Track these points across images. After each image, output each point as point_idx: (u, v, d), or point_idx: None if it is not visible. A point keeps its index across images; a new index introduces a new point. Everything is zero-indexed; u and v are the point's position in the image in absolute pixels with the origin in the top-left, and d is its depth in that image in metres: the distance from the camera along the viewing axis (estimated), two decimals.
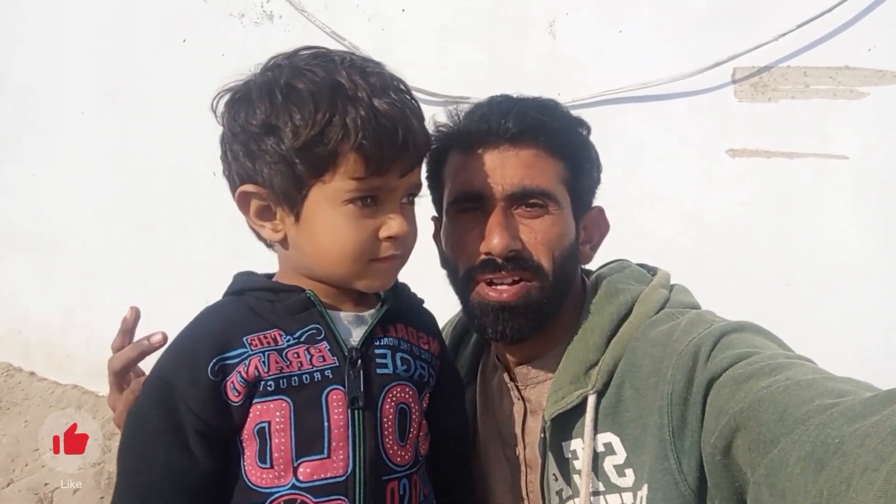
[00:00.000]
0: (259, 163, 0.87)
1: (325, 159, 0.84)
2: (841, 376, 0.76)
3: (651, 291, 1.06)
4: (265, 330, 0.89)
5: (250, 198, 0.90)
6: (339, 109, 0.82)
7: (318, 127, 0.82)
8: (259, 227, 0.92)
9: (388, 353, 0.95)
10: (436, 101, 2.78)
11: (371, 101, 0.83)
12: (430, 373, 1.00)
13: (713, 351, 0.88)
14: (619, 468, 0.95)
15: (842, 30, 2.17)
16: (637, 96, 2.46)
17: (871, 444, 0.57)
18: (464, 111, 1.08)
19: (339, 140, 0.82)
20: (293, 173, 0.85)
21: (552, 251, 1.00)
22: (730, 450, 0.79)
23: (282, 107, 0.84)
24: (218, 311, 0.94)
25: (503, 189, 0.99)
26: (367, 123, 0.82)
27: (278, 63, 0.89)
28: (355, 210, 0.87)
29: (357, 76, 0.85)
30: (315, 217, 0.88)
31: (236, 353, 0.86)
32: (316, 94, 0.83)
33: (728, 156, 2.36)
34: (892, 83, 2.14)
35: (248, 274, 0.99)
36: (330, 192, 0.86)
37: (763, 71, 2.29)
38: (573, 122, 1.07)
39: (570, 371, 1.00)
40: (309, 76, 0.85)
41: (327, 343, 0.90)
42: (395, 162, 0.86)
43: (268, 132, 0.85)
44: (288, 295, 0.92)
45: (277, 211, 0.90)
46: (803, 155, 2.26)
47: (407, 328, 1.00)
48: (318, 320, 0.91)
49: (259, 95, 0.86)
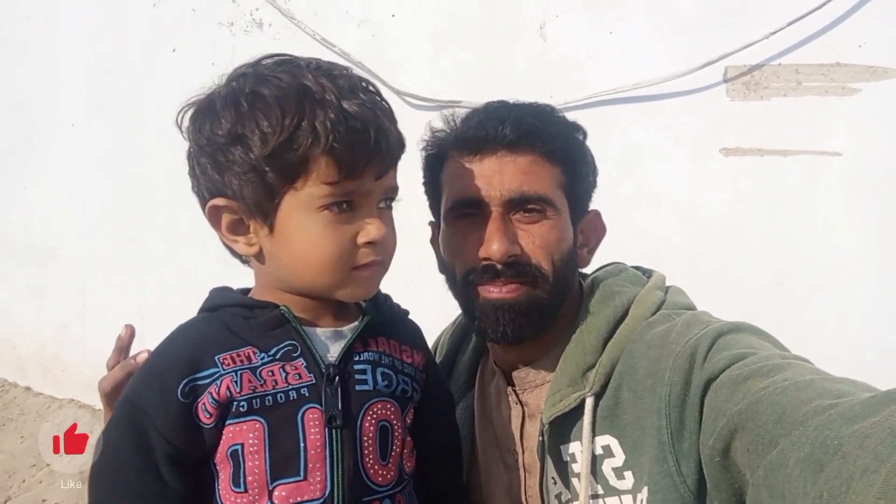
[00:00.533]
0: (228, 174, 0.83)
1: (296, 165, 0.81)
2: (839, 377, 0.76)
3: (647, 293, 1.06)
4: (239, 348, 0.86)
5: (221, 212, 0.87)
6: (307, 113, 0.80)
7: (287, 132, 0.79)
8: (232, 242, 0.89)
9: (368, 369, 0.91)
10: (428, 106, 2.78)
11: (340, 104, 0.81)
12: (414, 387, 0.97)
13: (710, 352, 0.88)
14: (618, 470, 0.95)
15: (832, 27, 2.18)
16: (629, 97, 2.46)
17: (870, 445, 0.57)
18: (460, 116, 1.08)
19: (309, 144, 0.80)
20: (264, 182, 0.82)
21: (551, 256, 1.01)
22: (728, 451, 0.78)
23: (248, 115, 0.81)
24: (190, 329, 0.90)
25: (501, 195, 0.99)
26: (337, 126, 0.80)
27: (242, 72, 0.87)
28: (331, 216, 0.84)
29: (324, 79, 0.82)
30: (290, 227, 0.85)
31: (208, 374, 0.83)
32: (282, 100, 0.80)
33: (721, 154, 2.36)
34: (884, 79, 2.15)
35: (224, 290, 0.96)
36: (303, 199, 0.83)
37: (755, 69, 2.30)
38: (569, 128, 1.08)
39: (568, 374, 1.00)
40: (274, 82, 0.82)
41: (303, 360, 0.87)
42: (368, 164, 0.83)
43: (235, 142, 0.82)
44: (262, 311, 0.89)
45: (250, 224, 0.87)
46: (796, 152, 2.27)
47: (389, 341, 0.97)
48: (293, 337, 0.88)
49: (223, 105, 0.84)
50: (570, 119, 1.10)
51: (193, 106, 0.88)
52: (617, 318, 1.03)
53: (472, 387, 1.20)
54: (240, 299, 0.93)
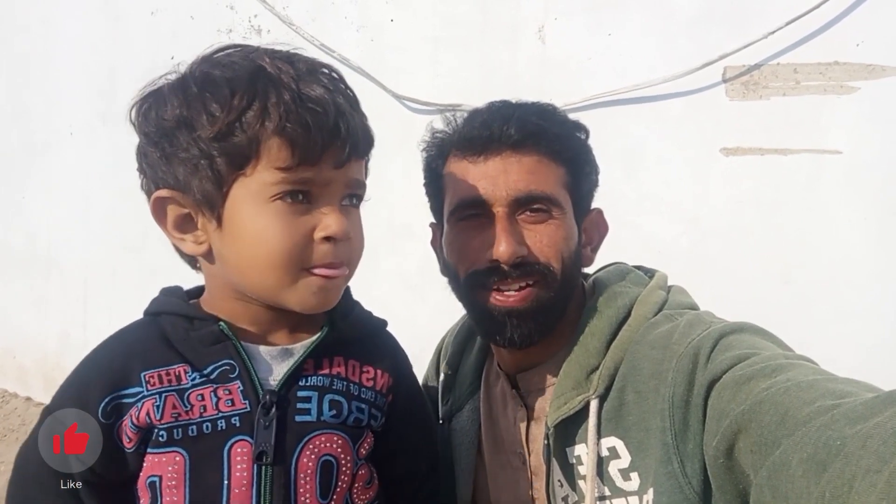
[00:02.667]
0: (174, 163, 0.77)
1: (245, 148, 0.74)
2: (842, 377, 0.76)
3: (649, 293, 1.05)
4: (170, 364, 0.79)
5: (166, 205, 0.79)
6: (258, 93, 0.74)
7: (236, 112, 0.73)
8: (179, 240, 0.81)
9: (314, 396, 0.82)
10: (428, 110, 2.78)
11: (297, 86, 0.74)
12: (373, 414, 0.87)
13: (713, 352, 0.88)
14: (624, 472, 0.95)
15: (830, 25, 2.18)
16: (629, 98, 2.46)
17: (873, 445, 0.57)
18: (461, 117, 1.07)
19: (260, 125, 0.73)
20: (211, 169, 0.75)
21: (559, 255, 1.00)
22: (732, 452, 0.78)
23: (196, 97, 0.75)
24: (124, 336, 0.84)
25: (507, 195, 0.99)
26: (291, 105, 0.73)
27: (195, 62, 0.81)
28: (284, 207, 0.76)
29: (281, 62, 0.76)
30: (238, 218, 0.76)
31: (132, 392, 0.77)
32: (233, 81, 0.74)
33: (722, 154, 2.36)
34: (882, 77, 2.15)
35: (171, 291, 0.89)
36: (254, 187, 0.75)
37: (753, 69, 2.30)
38: (573, 127, 1.08)
39: (572, 376, 1.00)
40: (227, 64, 0.76)
41: (240, 383, 0.79)
42: (326, 150, 0.75)
43: (181, 125, 0.75)
44: (202, 323, 0.82)
45: (198, 218, 0.79)
46: (797, 151, 2.27)
47: (347, 362, 0.87)
48: (231, 355, 0.80)
49: (171, 90, 0.78)
50: (573, 118, 1.10)
51: (143, 98, 0.82)
52: (619, 320, 1.02)
53: (477, 389, 1.20)
54: (181, 308, 0.85)
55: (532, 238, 1.00)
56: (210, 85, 0.75)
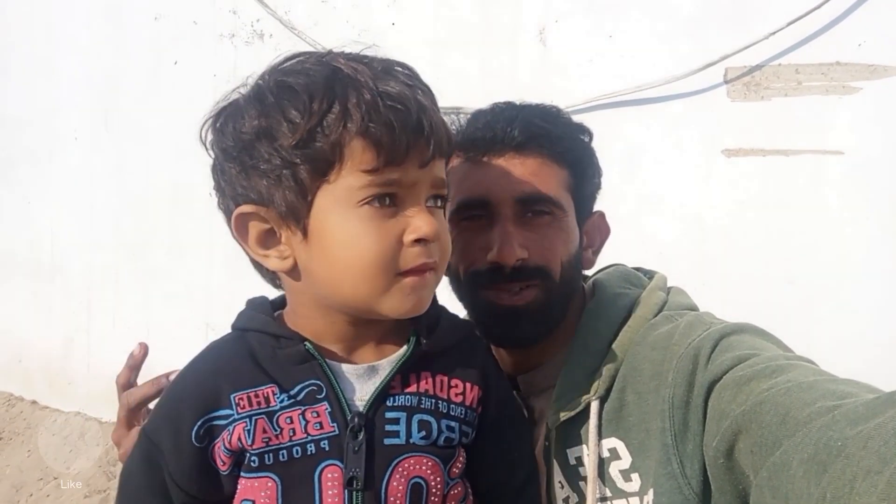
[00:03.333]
0: (255, 176, 0.75)
1: (329, 153, 0.71)
2: (842, 378, 0.75)
3: (649, 294, 1.05)
4: (259, 385, 0.77)
5: (248, 221, 0.77)
6: (338, 95, 0.71)
7: (317, 117, 0.71)
8: (263, 257, 0.78)
9: (403, 417, 0.79)
10: None
11: (375, 84, 0.72)
12: (464, 431, 0.84)
13: (713, 353, 0.87)
14: (625, 473, 0.94)
15: (831, 26, 2.18)
16: (630, 100, 2.47)
17: (873, 446, 0.56)
18: (465, 118, 1.07)
19: (342, 127, 0.71)
20: (295, 178, 0.73)
21: (560, 257, 1.00)
22: (732, 453, 0.78)
23: (274, 106, 0.73)
24: (213, 354, 0.82)
25: (510, 197, 0.99)
26: (373, 105, 0.71)
27: (267, 72, 0.79)
28: (372, 212, 0.73)
29: (356, 62, 0.74)
30: (326, 227, 0.74)
31: (224, 414, 0.76)
32: (311, 86, 0.72)
33: (724, 156, 2.36)
34: (884, 77, 2.15)
35: (258, 306, 0.87)
36: (339, 192, 0.73)
37: (755, 70, 2.30)
38: (576, 130, 1.08)
39: (572, 378, 1.00)
40: (301, 70, 0.75)
41: (328, 404, 0.77)
42: (411, 149, 0.73)
43: (260, 136, 0.73)
44: (287, 342, 0.80)
45: (282, 232, 0.77)
46: (799, 152, 2.26)
47: (435, 377, 0.83)
48: (318, 375, 0.78)
49: (247, 102, 0.76)
50: (577, 121, 1.09)
51: (216, 114, 0.81)
52: (620, 321, 1.02)
53: None
54: (268, 325, 0.82)
55: (533, 240, 0.99)
56: (287, 92, 0.73)
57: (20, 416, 3.91)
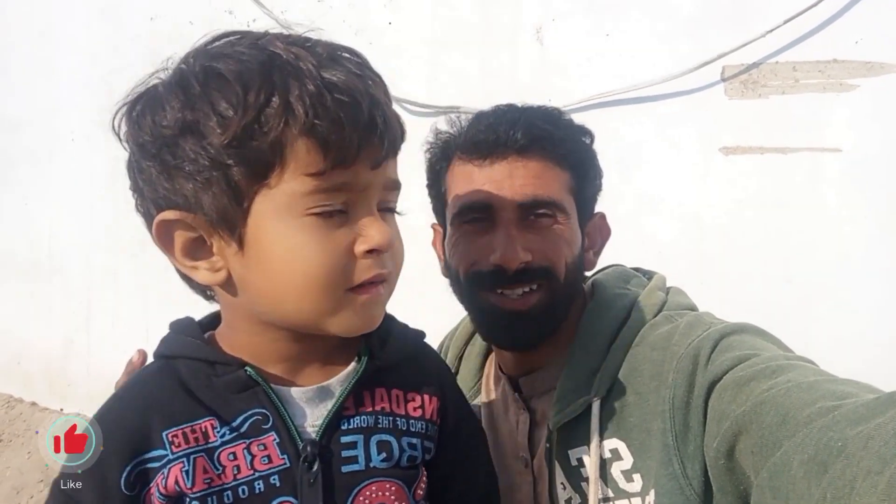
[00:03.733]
0: (179, 178, 0.64)
1: (267, 153, 0.62)
2: (842, 378, 0.76)
3: (648, 295, 1.06)
4: (195, 420, 0.68)
5: (173, 229, 0.67)
6: (277, 86, 0.61)
7: (253, 111, 0.61)
8: (191, 269, 0.68)
9: (360, 440, 0.72)
10: (427, 112, 2.78)
11: (319, 73, 0.62)
12: (426, 446, 0.78)
13: (713, 354, 0.87)
14: (627, 473, 0.94)
15: (829, 23, 2.18)
16: (628, 99, 2.46)
17: (874, 446, 0.57)
18: (466, 119, 1.07)
19: (283, 124, 0.61)
20: (227, 181, 0.63)
21: (563, 260, 1.00)
22: (733, 453, 0.78)
23: (200, 96, 0.63)
24: (137, 388, 0.73)
25: (512, 200, 0.98)
26: (318, 98, 0.61)
27: (192, 53, 0.68)
28: (319, 221, 0.64)
29: (297, 47, 0.64)
30: (265, 237, 0.65)
31: (156, 455, 0.67)
32: (244, 74, 0.62)
33: (722, 154, 2.36)
34: (881, 74, 2.14)
35: (184, 327, 0.77)
36: (281, 198, 0.63)
37: (752, 68, 2.29)
38: (578, 132, 1.07)
39: (573, 379, 1.00)
40: (232, 54, 0.64)
41: (276, 434, 0.69)
42: (362, 147, 0.64)
43: (185, 132, 0.63)
44: (225, 368, 0.70)
45: (213, 241, 0.67)
46: (797, 150, 2.26)
47: (391, 392, 0.77)
48: (263, 402, 0.69)
49: (169, 90, 0.65)
50: (578, 123, 1.09)
51: (133, 102, 0.69)
52: (620, 322, 1.02)
53: (478, 393, 1.20)
54: (199, 350, 0.73)
55: (536, 243, 0.99)
56: (216, 80, 0.63)
57: (20, 417, 3.91)
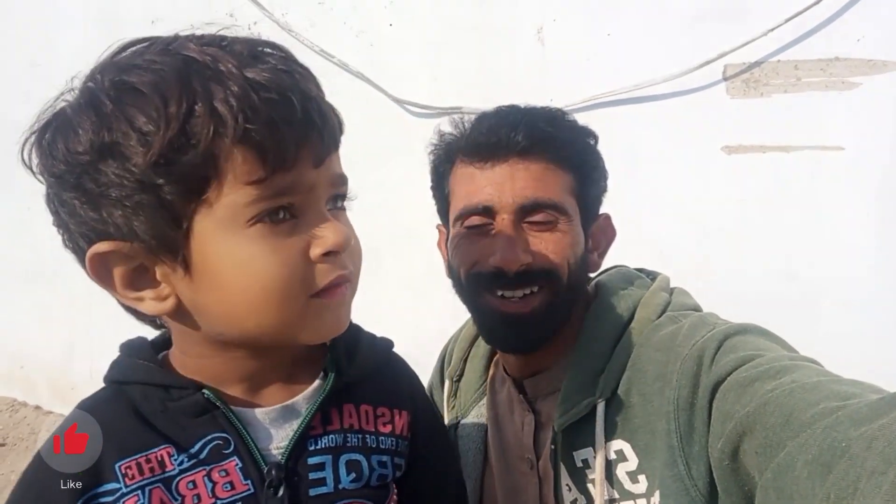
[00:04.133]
0: (106, 206, 0.58)
1: (200, 167, 0.57)
2: (846, 378, 0.76)
3: (652, 295, 1.06)
4: (149, 449, 0.64)
5: (109, 261, 0.61)
6: (199, 92, 0.56)
7: (176, 123, 0.55)
8: (135, 300, 0.64)
9: (328, 461, 0.69)
10: (428, 114, 2.78)
11: (242, 73, 0.58)
12: (396, 463, 0.75)
13: (717, 354, 0.87)
14: (633, 474, 0.94)
15: (830, 21, 2.17)
16: (629, 98, 2.46)
17: (878, 447, 0.57)
18: (469, 120, 1.06)
19: (212, 133, 0.56)
20: (160, 202, 0.57)
21: (565, 262, 1.00)
22: (737, 454, 0.78)
23: (114, 114, 0.57)
24: (86, 418, 0.67)
25: (513, 202, 0.98)
26: (246, 101, 0.56)
27: (97, 70, 0.63)
28: (266, 230, 0.60)
29: (213, 48, 0.60)
30: (212, 256, 0.60)
31: (109, 489, 0.62)
32: (160, 84, 0.56)
33: (724, 153, 2.35)
34: (883, 72, 2.14)
35: (135, 351, 0.73)
36: (222, 213, 0.58)
37: (753, 66, 2.29)
38: (581, 133, 1.07)
39: (578, 380, 1.00)
40: (143, 65, 0.59)
41: (238, 459, 0.65)
42: (301, 146, 0.60)
43: (104, 155, 0.57)
44: (181, 392, 0.66)
45: (156, 269, 0.62)
46: (799, 148, 2.26)
47: (359, 408, 0.74)
48: (223, 426, 0.66)
49: (78, 112, 0.60)
50: (581, 123, 1.08)
51: (41, 131, 0.64)
52: (624, 323, 1.02)
53: (482, 395, 1.20)
54: (152, 375, 0.68)
55: (538, 246, 0.99)
56: (130, 95, 0.57)
57: (24, 421, 3.91)
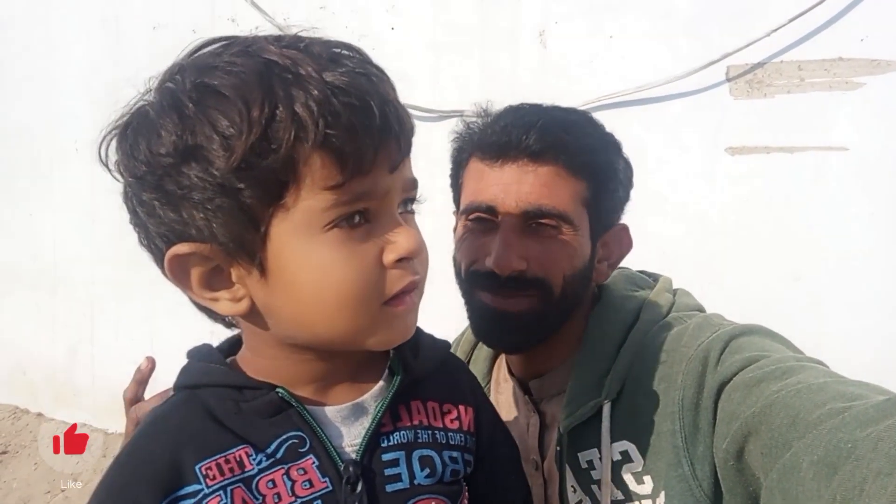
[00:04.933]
0: (186, 209, 0.59)
1: (280, 173, 0.57)
2: (852, 379, 0.75)
3: (656, 296, 1.05)
4: (228, 449, 0.64)
5: (188, 263, 0.62)
6: (280, 97, 0.57)
7: (258, 128, 0.56)
8: (211, 301, 0.64)
9: (402, 457, 0.69)
10: (431, 118, 2.78)
11: (322, 76, 0.58)
12: (467, 459, 0.75)
13: (722, 355, 0.87)
14: (638, 476, 0.94)
15: (833, 21, 2.17)
16: (632, 100, 2.46)
17: (884, 448, 0.57)
18: (492, 112, 1.05)
19: (293, 138, 0.56)
20: (239, 206, 0.58)
21: (561, 273, 0.98)
22: (742, 455, 0.78)
23: (197, 117, 0.57)
24: (162, 422, 0.67)
25: (517, 206, 0.96)
26: (326, 105, 0.57)
27: (177, 68, 0.64)
28: (343, 235, 0.60)
29: (292, 50, 0.60)
30: (287, 260, 0.61)
31: (191, 491, 0.62)
32: (242, 87, 0.57)
33: (728, 154, 2.35)
34: (887, 72, 2.13)
35: (205, 354, 0.73)
36: (300, 217, 0.59)
37: (757, 67, 2.29)
38: (600, 140, 1.04)
39: (583, 382, 0.99)
40: (224, 67, 0.59)
41: (314, 457, 0.66)
42: (379, 151, 0.60)
43: (187, 158, 0.58)
44: (255, 392, 0.67)
45: (232, 270, 0.63)
46: (803, 149, 2.25)
47: (426, 405, 0.74)
48: (298, 424, 0.66)
49: (160, 113, 0.60)
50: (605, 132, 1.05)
51: (122, 129, 0.65)
52: (629, 324, 1.02)
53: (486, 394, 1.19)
54: (226, 377, 0.69)
55: (535, 252, 0.97)
56: (212, 97, 0.58)
57: (26, 428, 3.91)
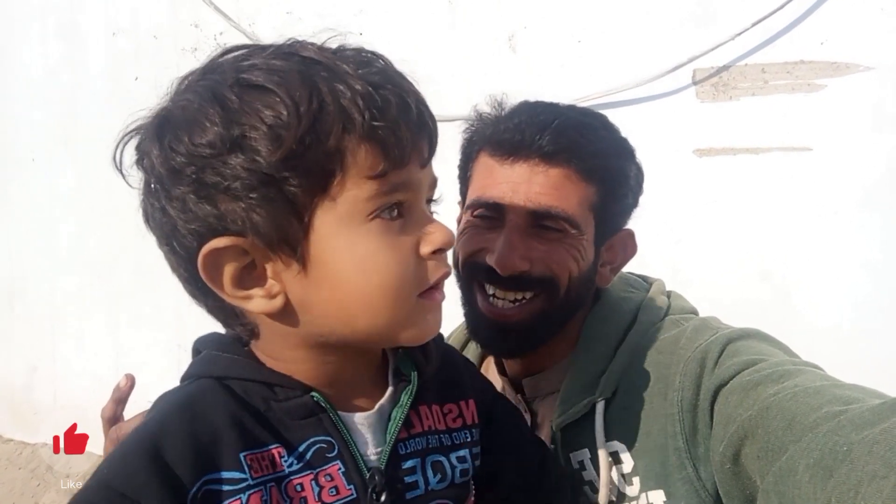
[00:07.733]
0: (225, 201, 0.58)
1: (327, 162, 0.58)
2: (848, 383, 0.76)
3: (653, 299, 1.06)
4: (266, 445, 0.62)
5: (222, 258, 0.60)
6: (325, 91, 0.58)
7: (307, 120, 0.57)
8: (243, 299, 0.62)
9: (418, 464, 0.70)
10: None
11: (360, 74, 0.60)
12: (474, 453, 0.76)
13: (720, 358, 0.88)
14: (628, 477, 0.94)
15: (795, 25, 2.22)
16: (601, 104, 2.47)
17: (879, 451, 0.57)
18: (506, 106, 1.03)
19: (342, 130, 0.58)
20: (284, 197, 0.58)
21: (565, 274, 0.97)
22: (738, 458, 0.78)
23: (242, 109, 0.58)
24: (201, 404, 0.63)
25: (524, 206, 0.95)
26: (371, 99, 0.58)
27: (211, 66, 0.63)
28: (385, 225, 0.61)
29: (327, 51, 0.62)
30: (332, 251, 0.60)
31: (233, 478, 0.59)
32: (285, 84, 0.58)
33: (695, 156, 2.38)
34: (847, 74, 2.19)
35: (226, 347, 0.70)
36: (343, 208, 0.59)
37: (722, 71, 2.33)
38: (613, 145, 1.03)
39: (579, 381, 0.99)
40: (265, 65, 0.60)
41: (341, 464, 0.65)
42: (415, 145, 0.62)
43: (233, 149, 0.57)
44: (286, 392, 0.65)
45: (269, 266, 0.62)
46: (768, 149, 2.30)
47: (432, 408, 0.74)
48: (328, 430, 0.65)
49: (203, 105, 0.59)
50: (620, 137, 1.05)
51: (158, 125, 0.64)
52: (626, 325, 1.02)
53: None
54: (255, 371, 0.67)
55: (539, 254, 0.96)
56: (254, 92, 0.58)
57: None
